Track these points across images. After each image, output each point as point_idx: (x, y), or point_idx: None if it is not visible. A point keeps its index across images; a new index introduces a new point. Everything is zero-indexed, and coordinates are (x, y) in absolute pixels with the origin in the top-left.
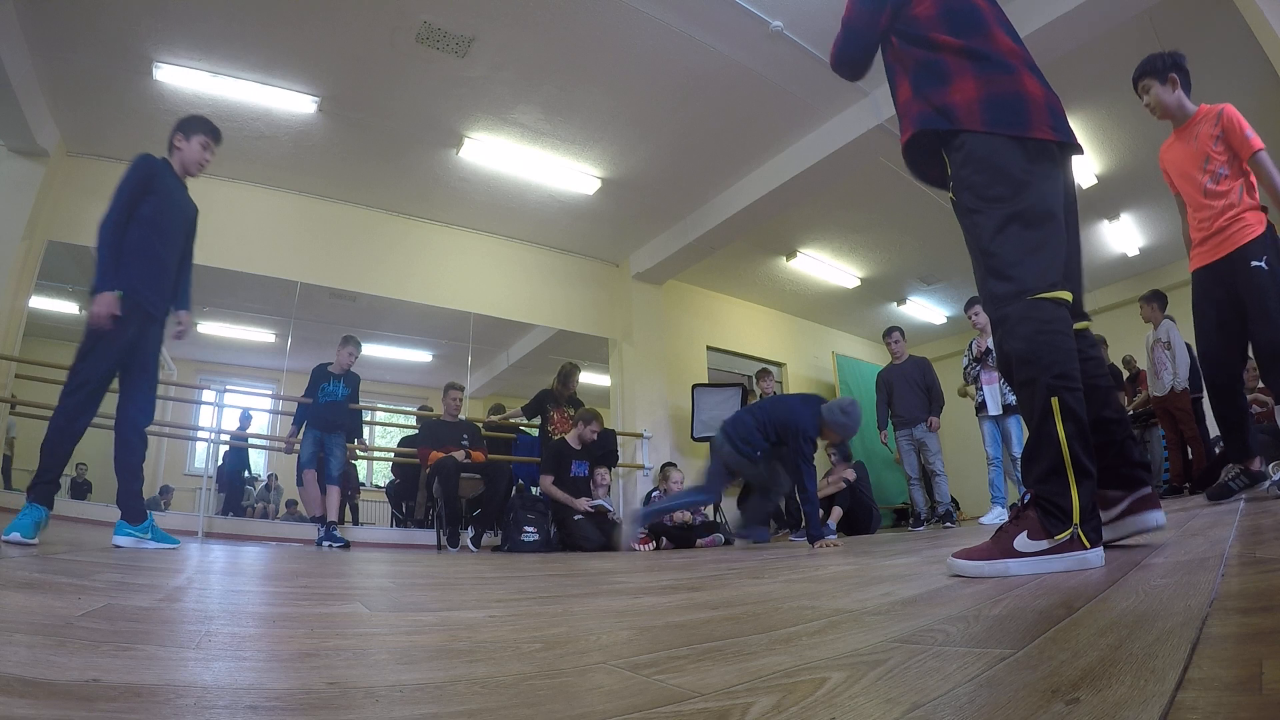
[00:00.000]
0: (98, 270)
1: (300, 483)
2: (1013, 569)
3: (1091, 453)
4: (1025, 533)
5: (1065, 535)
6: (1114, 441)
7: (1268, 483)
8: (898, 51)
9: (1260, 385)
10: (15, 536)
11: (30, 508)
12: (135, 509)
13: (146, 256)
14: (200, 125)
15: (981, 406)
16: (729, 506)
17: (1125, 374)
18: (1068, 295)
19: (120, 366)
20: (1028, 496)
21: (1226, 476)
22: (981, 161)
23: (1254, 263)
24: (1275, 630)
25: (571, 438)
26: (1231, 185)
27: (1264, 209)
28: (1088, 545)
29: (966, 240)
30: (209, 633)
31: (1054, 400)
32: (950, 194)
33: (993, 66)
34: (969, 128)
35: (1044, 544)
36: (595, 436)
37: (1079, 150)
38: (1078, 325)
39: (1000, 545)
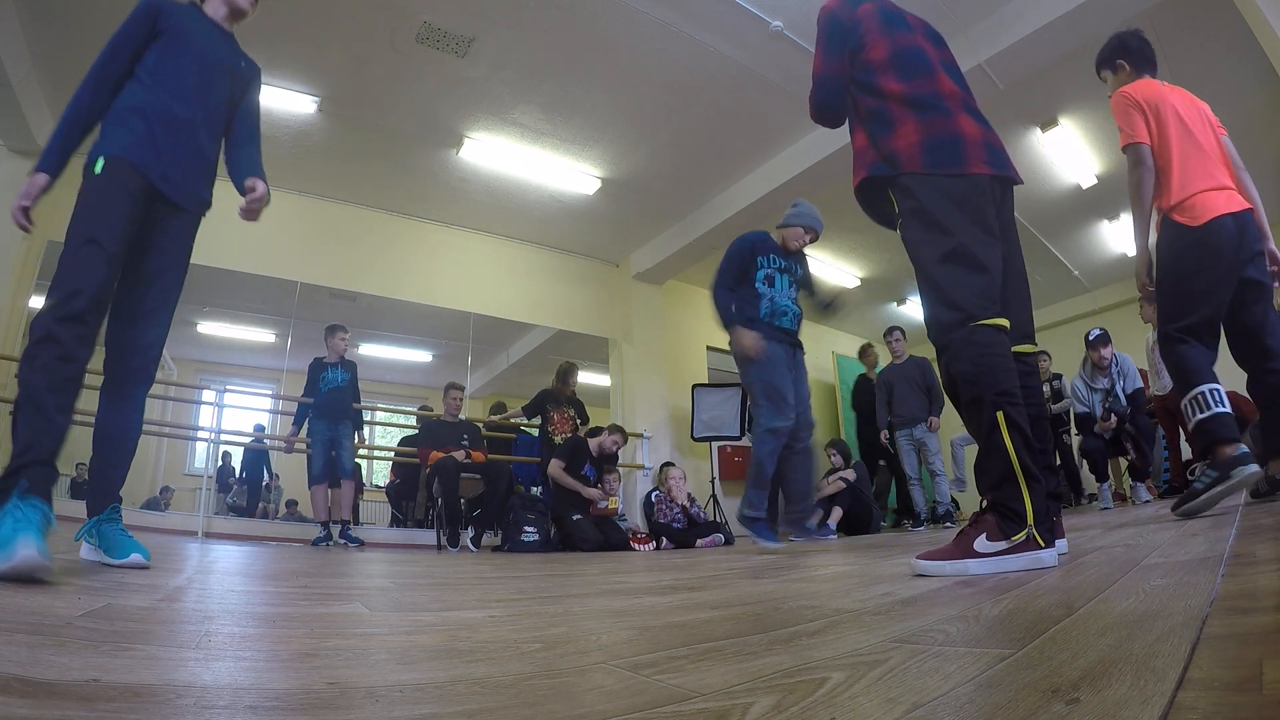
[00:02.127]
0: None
1: (312, 491)
2: (972, 568)
3: (1038, 460)
4: (984, 535)
5: (1021, 536)
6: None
7: (1250, 466)
8: (854, 99)
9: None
10: (29, 555)
11: (23, 505)
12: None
13: (148, 113)
14: None
15: None
16: (729, 507)
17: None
18: (1005, 322)
19: (117, 277)
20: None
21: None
22: (921, 201)
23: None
24: (1275, 630)
25: (594, 444)
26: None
27: (1158, 209)
28: (1042, 545)
29: (915, 271)
30: (209, 633)
31: (999, 414)
32: (899, 231)
33: (933, 111)
34: (910, 170)
35: (1002, 544)
36: (616, 449)
37: (1017, 182)
38: (1020, 348)
39: (961, 546)
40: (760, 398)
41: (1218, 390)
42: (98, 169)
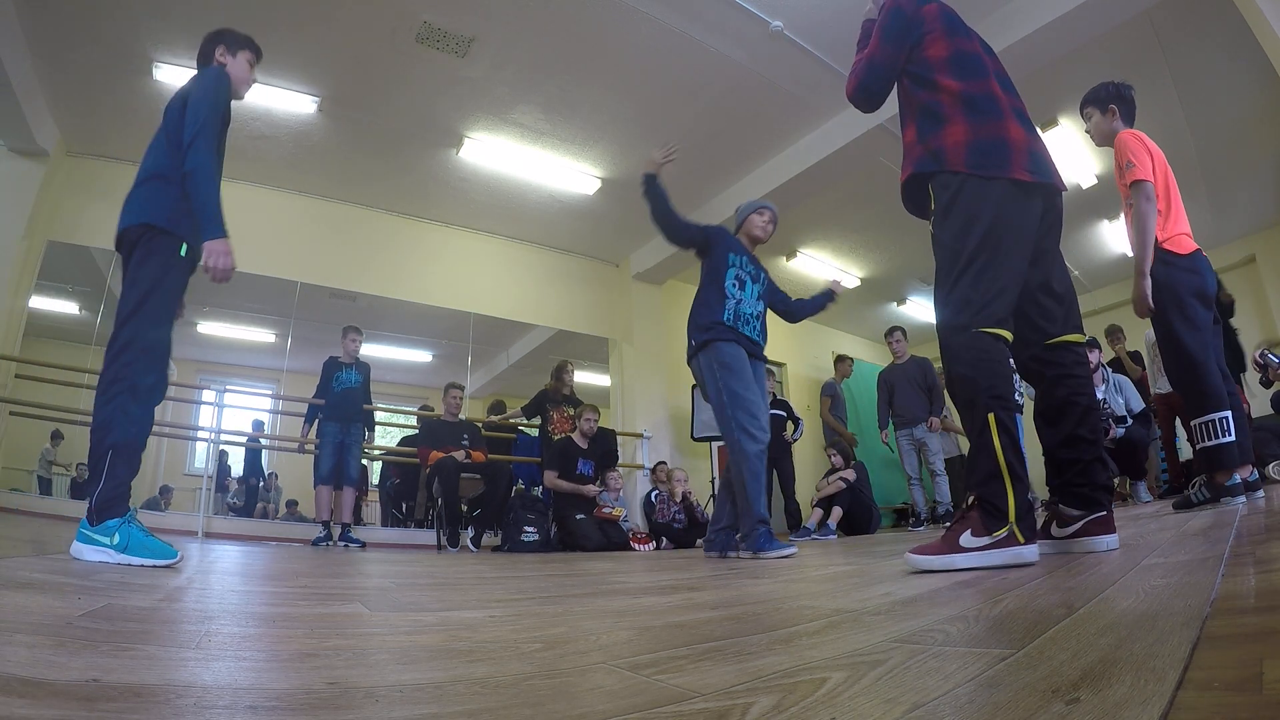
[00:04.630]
0: (207, 208)
1: (316, 491)
2: (958, 562)
3: (1024, 462)
4: (969, 530)
5: (1003, 532)
6: (1081, 460)
7: (1239, 498)
8: (907, 93)
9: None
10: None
11: (129, 526)
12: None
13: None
14: (245, 41)
15: None
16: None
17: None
18: (1008, 334)
19: None
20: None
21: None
22: (956, 199)
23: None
24: (1275, 630)
25: (577, 436)
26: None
27: (1165, 242)
28: (1022, 541)
29: (936, 266)
30: (209, 633)
31: (990, 416)
32: (931, 225)
33: (983, 113)
34: (953, 168)
35: (985, 540)
36: (595, 425)
37: (1060, 189)
38: (1070, 338)
39: (948, 542)
40: (733, 409)
41: (1227, 419)
42: (183, 252)
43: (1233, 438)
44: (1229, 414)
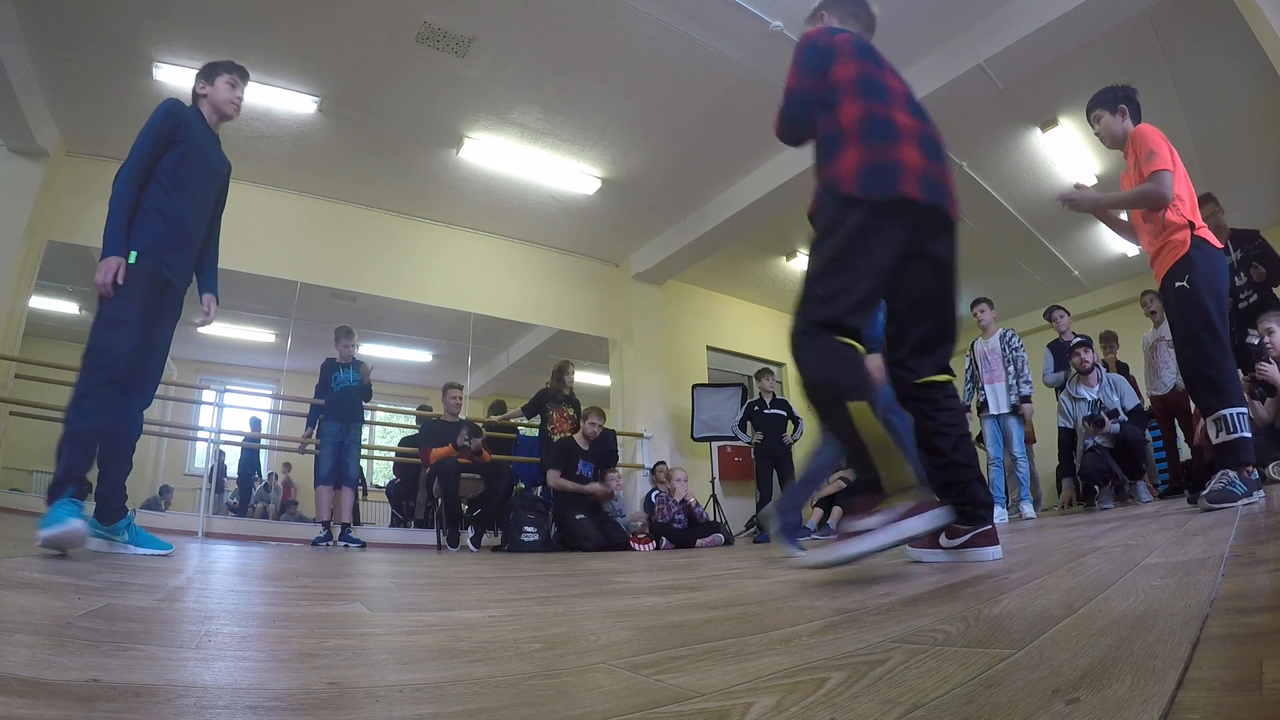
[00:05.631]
0: (106, 229)
1: (317, 491)
2: (862, 546)
3: (898, 434)
4: (855, 517)
5: (881, 508)
6: (960, 482)
7: (1241, 500)
8: (815, 125)
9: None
10: (75, 524)
11: (68, 502)
12: (113, 504)
13: (168, 218)
14: (221, 65)
15: (983, 406)
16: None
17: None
18: (858, 346)
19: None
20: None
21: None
22: (836, 214)
23: (1178, 284)
24: (1275, 630)
25: (579, 437)
26: (1155, 211)
27: (1190, 225)
28: (902, 516)
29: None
30: (209, 633)
31: (849, 405)
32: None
33: (880, 138)
34: (844, 192)
35: (869, 520)
36: (599, 430)
37: (953, 218)
38: (937, 378)
39: (842, 532)
40: None
41: (1243, 414)
42: (131, 259)
43: (1248, 433)
44: (1244, 410)
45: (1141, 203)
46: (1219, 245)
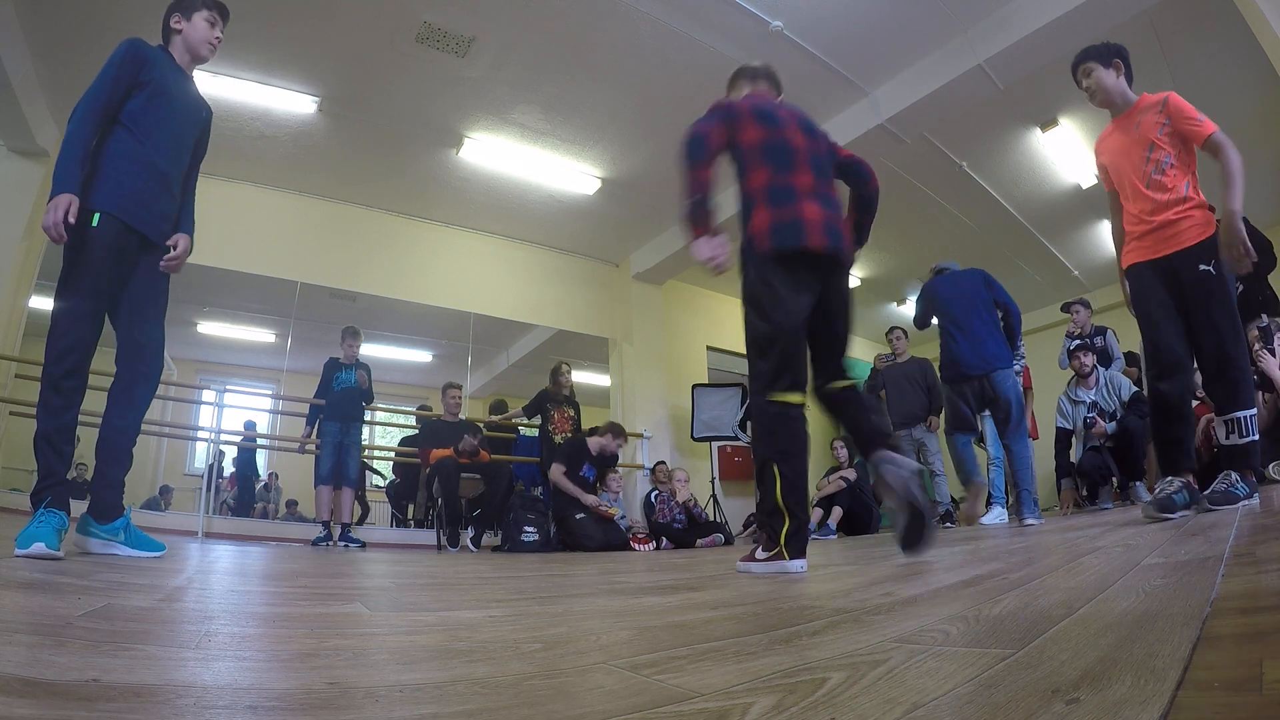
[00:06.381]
0: (56, 168)
1: (317, 491)
2: (754, 569)
3: (799, 502)
4: (761, 547)
5: (775, 552)
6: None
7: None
8: (738, 185)
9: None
10: (39, 548)
11: (46, 513)
12: (109, 502)
13: (138, 164)
14: (202, 0)
15: None
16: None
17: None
18: (797, 398)
19: (112, 312)
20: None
21: (1170, 490)
22: (756, 275)
23: (1202, 267)
24: (1275, 630)
25: (594, 443)
26: (1178, 179)
27: (1211, 208)
28: (788, 558)
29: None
30: (209, 633)
31: (774, 467)
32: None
33: (784, 199)
34: (759, 249)
35: (765, 556)
36: (617, 451)
37: (847, 261)
38: (837, 385)
39: (751, 555)
40: None
41: (1254, 417)
42: (94, 222)
43: (1258, 436)
44: (1256, 412)
45: (1241, 172)
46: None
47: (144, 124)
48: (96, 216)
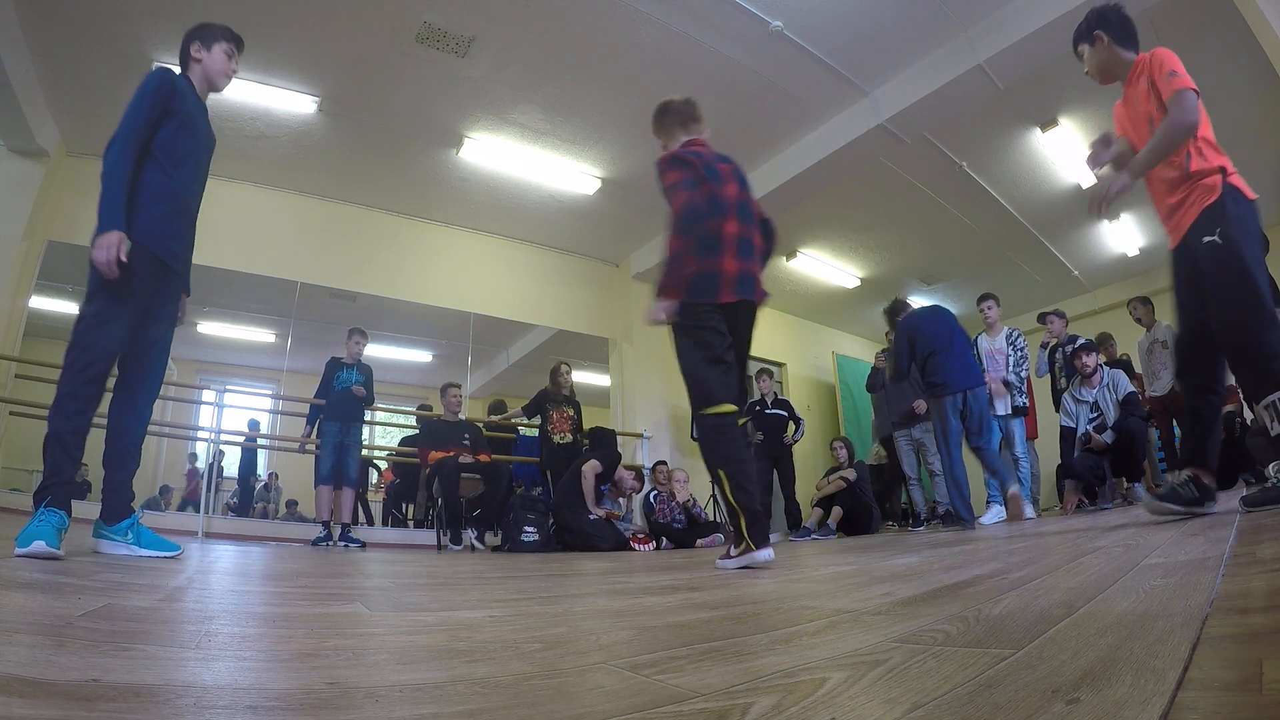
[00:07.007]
0: (101, 204)
1: (317, 491)
2: (729, 565)
3: (750, 496)
4: (732, 545)
5: (744, 546)
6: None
7: (1247, 506)
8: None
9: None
10: (39, 546)
11: (46, 512)
12: (116, 504)
13: (166, 197)
14: (221, 31)
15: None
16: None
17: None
18: (730, 408)
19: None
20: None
21: (1174, 482)
22: (684, 320)
23: (1206, 239)
24: (1275, 630)
25: (623, 471)
26: (1180, 150)
27: (1221, 170)
28: (755, 549)
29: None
30: (209, 633)
31: (721, 473)
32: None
33: (710, 251)
34: (685, 297)
35: (735, 551)
36: (630, 490)
37: (758, 302)
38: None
39: (726, 554)
40: None
41: None
42: (127, 242)
43: None
44: None
45: (1172, 140)
46: (1254, 196)
47: (173, 154)
48: (129, 245)
